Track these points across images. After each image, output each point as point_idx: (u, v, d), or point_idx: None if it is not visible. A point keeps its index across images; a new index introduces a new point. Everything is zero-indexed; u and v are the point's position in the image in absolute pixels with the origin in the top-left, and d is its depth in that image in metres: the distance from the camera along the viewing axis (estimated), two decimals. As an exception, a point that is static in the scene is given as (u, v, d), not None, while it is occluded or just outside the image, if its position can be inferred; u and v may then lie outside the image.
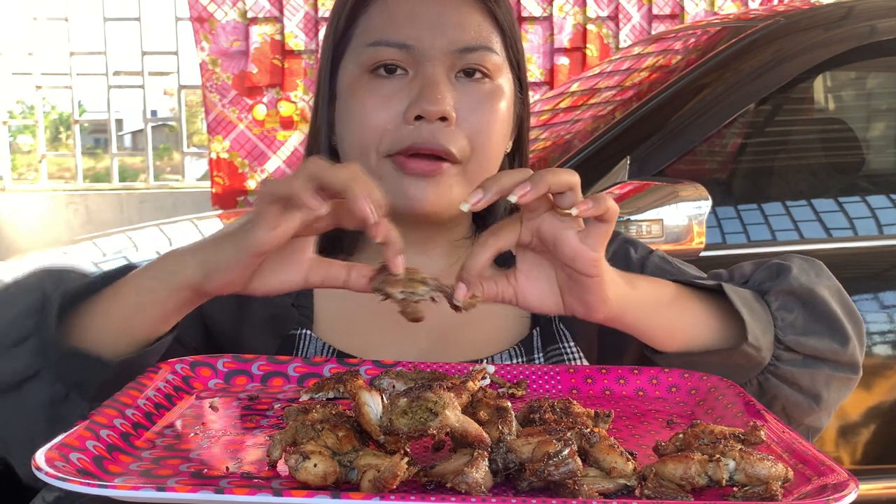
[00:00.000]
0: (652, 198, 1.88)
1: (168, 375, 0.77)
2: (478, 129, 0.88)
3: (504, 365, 0.85)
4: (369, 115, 0.88)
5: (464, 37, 0.88)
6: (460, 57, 0.88)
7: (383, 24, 0.89)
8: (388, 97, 0.87)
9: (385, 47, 0.87)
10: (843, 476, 0.55)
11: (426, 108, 0.85)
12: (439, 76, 0.87)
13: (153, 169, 5.36)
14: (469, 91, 0.88)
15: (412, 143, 0.86)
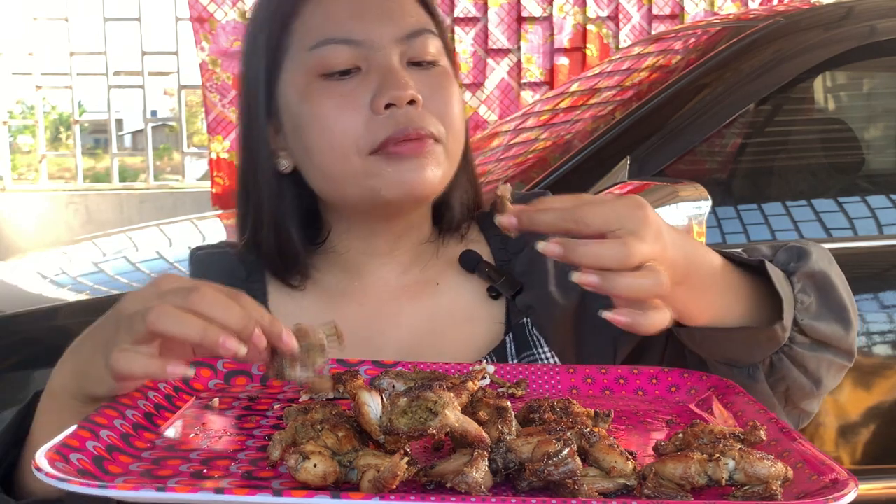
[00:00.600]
0: (652, 198, 1.88)
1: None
2: (443, 109, 0.87)
3: (504, 365, 0.85)
4: (335, 118, 0.84)
5: (408, 22, 0.87)
6: (408, 44, 0.86)
7: (324, 23, 0.86)
8: (347, 95, 0.85)
9: (332, 45, 0.84)
10: (843, 476, 0.55)
11: (394, 93, 0.83)
12: (395, 64, 0.85)
13: (153, 169, 5.36)
14: (423, 77, 0.87)
15: (392, 133, 0.83)
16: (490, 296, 0.96)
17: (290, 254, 0.92)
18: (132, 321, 0.65)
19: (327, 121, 0.85)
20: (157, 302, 0.65)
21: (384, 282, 0.95)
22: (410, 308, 0.95)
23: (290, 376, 0.71)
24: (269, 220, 0.92)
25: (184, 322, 0.63)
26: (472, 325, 0.95)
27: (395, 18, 0.86)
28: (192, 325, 0.63)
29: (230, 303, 0.66)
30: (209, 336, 0.63)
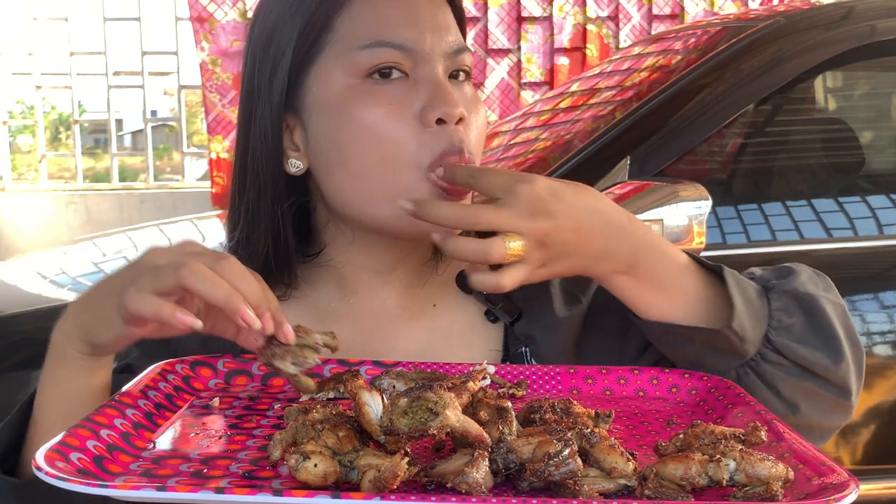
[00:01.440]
0: (652, 198, 1.88)
1: (168, 375, 0.77)
2: (479, 127, 0.86)
3: (504, 365, 0.85)
4: (386, 127, 0.80)
5: (453, 37, 0.86)
6: (452, 59, 0.85)
7: (377, 25, 0.82)
8: (397, 102, 0.81)
9: (385, 48, 0.81)
10: (843, 476, 0.55)
11: (447, 110, 0.80)
12: (443, 77, 0.83)
13: (153, 169, 5.36)
14: (463, 92, 0.85)
15: (443, 150, 0.80)
16: (488, 319, 0.93)
17: (281, 260, 0.88)
18: (160, 272, 0.67)
19: (378, 129, 0.81)
20: (189, 259, 0.67)
21: (381, 301, 0.91)
22: (406, 331, 0.91)
23: (278, 367, 0.71)
24: (266, 222, 0.87)
25: (214, 283, 0.66)
26: (469, 350, 0.91)
27: (444, 33, 0.85)
28: (221, 287, 0.66)
29: (252, 279, 0.69)
30: (232, 302, 0.66)
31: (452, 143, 0.80)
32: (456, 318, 0.93)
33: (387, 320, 0.91)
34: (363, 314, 0.91)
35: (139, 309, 0.66)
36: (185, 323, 0.65)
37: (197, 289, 0.66)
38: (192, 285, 0.65)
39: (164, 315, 0.65)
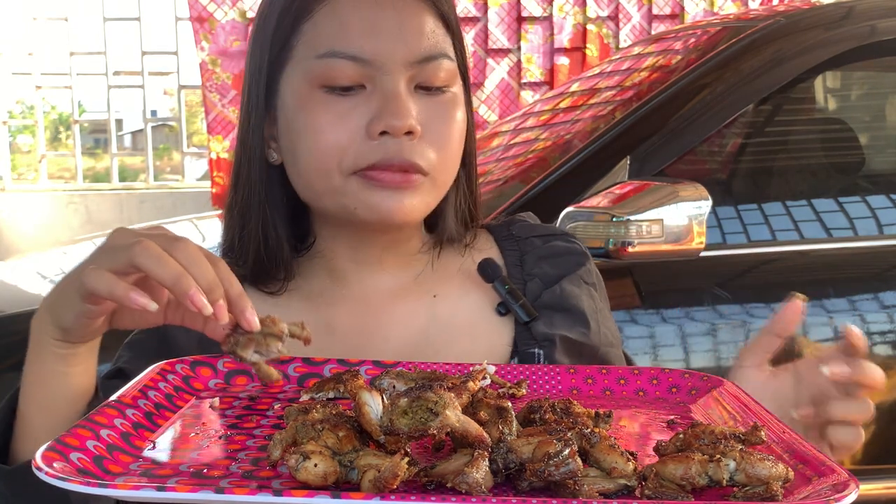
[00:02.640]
0: (652, 198, 1.88)
1: (168, 375, 0.77)
2: (442, 140, 0.85)
3: (504, 365, 0.85)
4: (326, 133, 0.82)
5: (423, 45, 0.83)
6: (420, 68, 0.83)
7: (335, 34, 0.82)
8: (345, 114, 0.82)
9: (339, 59, 0.81)
10: (843, 476, 0.55)
11: (392, 123, 0.81)
12: (400, 89, 0.82)
13: (153, 169, 5.36)
14: (429, 103, 0.84)
15: (380, 160, 0.82)
16: (498, 312, 0.93)
17: (274, 253, 0.90)
18: (115, 251, 0.68)
19: (319, 135, 0.83)
20: (144, 238, 0.67)
21: (374, 289, 0.93)
22: (404, 317, 0.92)
23: (240, 355, 0.71)
24: (257, 211, 0.89)
25: (164, 263, 0.66)
26: (474, 340, 0.92)
27: (409, 40, 0.83)
28: (170, 268, 0.66)
29: (207, 263, 0.68)
30: (182, 284, 0.66)
31: (388, 155, 0.82)
32: (459, 310, 0.94)
33: (381, 308, 0.92)
34: (357, 302, 0.92)
35: (94, 286, 0.66)
36: (139, 303, 0.66)
37: (146, 267, 0.66)
38: (141, 263, 0.66)
39: (118, 293, 0.66)
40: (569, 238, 1.00)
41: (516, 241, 0.99)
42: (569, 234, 1.01)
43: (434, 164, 0.84)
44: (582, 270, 0.97)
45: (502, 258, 0.97)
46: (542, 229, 1.01)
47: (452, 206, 0.94)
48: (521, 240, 0.99)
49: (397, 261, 0.93)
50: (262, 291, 0.92)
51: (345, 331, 0.91)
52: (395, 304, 0.93)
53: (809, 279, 2.02)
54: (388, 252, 0.92)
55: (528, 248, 0.98)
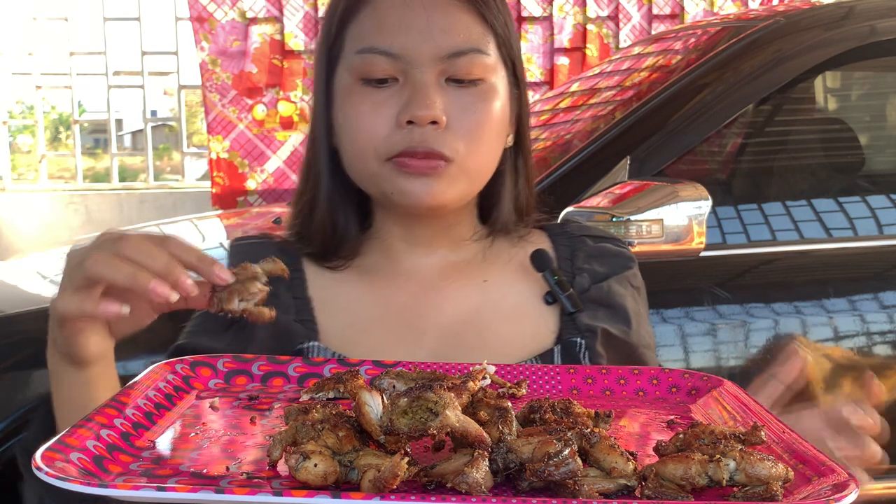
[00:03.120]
0: (652, 198, 1.88)
1: (168, 375, 0.77)
2: (470, 129, 0.90)
3: (504, 365, 0.85)
4: (363, 121, 0.90)
5: (452, 41, 0.89)
6: (450, 62, 0.89)
7: (372, 31, 0.90)
8: (380, 104, 0.89)
9: (373, 55, 0.89)
10: (843, 476, 0.55)
11: (416, 113, 0.87)
12: (428, 82, 0.88)
13: (153, 169, 5.36)
14: (460, 95, 0.90)
15: (406, 147, 0.88)
16: (545, 301, 0.98)
17: (341, 233, 0.97)
18: (71, 272, 0.71)
19: (357, 123, 0.90)
20: (92, 251, 0.70)
21: (426, 269, 0.98)
22: (455, 297, 0.97)
23: (228, 308, 0.73)
24: (325, 197, 0.97)
25: (115, 267, 0.69)
26: (520, 324, 0.97)
27: (438, 36, 0.89)
28: (123, 270, 0.69)
29: (154, 248, 0.71)
30: (139, 281, 0.68)
31: (413, 143, 0.88)
32: (508, 295, 0.99)
33: (433, 287, 0.98)
34: (409, 280, 0.98)
35: (64, 310, 0.70)
36: (111, 311, 0.69)
37: (101, 276, 0.69)
38: (95, 274, 0.69)
39: (88, 309, 0.70)
40: (619, 242, 1.06)
41: (569, 238, 1.05)
42: (619, 239, 1.08)
43: (460, 152, 0.90)
44: (629, 273, 1.03)
45: (554, 252, 1.02)
46: (595, 231, 1.07)
47: (509, 193, 1.00)
48: (573, 237, 1.05)
49: (448, 245, 0.99)
50: (324, 267, 0.99)
51: (399, 305, 0.97)
52: (446, 283, 0.98)
53: (809, 279, 2.02)
54: (439, 236, 0.98)
55: (580, 245, 1.04)
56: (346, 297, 0.97)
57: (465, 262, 1.00)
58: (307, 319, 0.95)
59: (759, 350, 1.94)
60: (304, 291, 0.97)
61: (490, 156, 0.94)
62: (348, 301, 0.97)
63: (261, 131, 4.48)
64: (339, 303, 0.97)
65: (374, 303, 0.97)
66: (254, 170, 4.49)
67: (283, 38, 4.45)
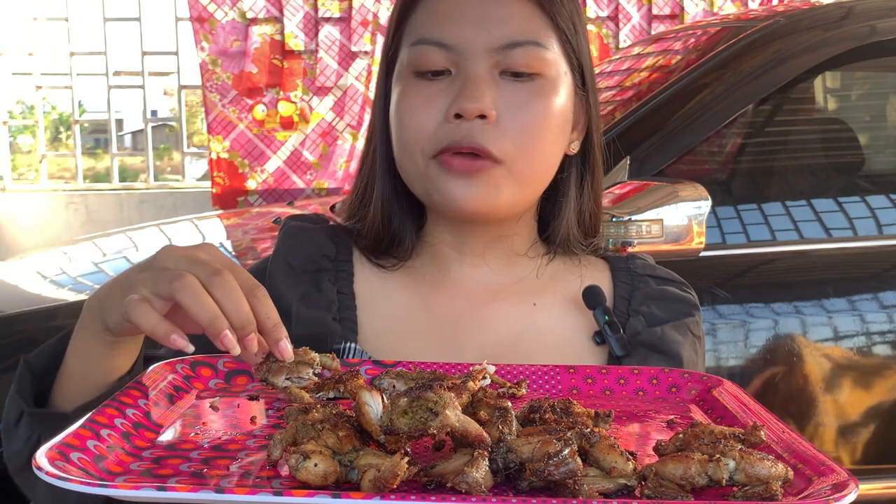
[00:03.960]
0: (652, 198, 1.88)
1: (168, 375, 0.77)
2: (522, 127, 0.84)
3: (504, 365, 0.85)
4: (413, 116, 0.86)
5: (507, 32, 0.84)
6: (505, 54, 0.84)
7: (427, 23, 0.87)
8: (432, 97, 0.85)
9: (426, 46, 0.85)
10: (843, 476, 0.55)
11: (463, 105, 0.82)
12: (480, 73, 0.83)
13: (153, 169, 5.36)
14: (514, 89, 0.84)
15: (450, 142, 0.83)
16: (594, 341, 0.92)
17: (393, 229, 0.93)
18: (159, 277, 0.68)
19: (408, 117, 0.86)
20: (188, 269, 0.68)
21: (474, 282, 0.94)
22: (501, 318, 0.92)
23: (272, 381, 0.72)
24: (379, 192, 0.93)
25: (201, 303, 0.67)
26: (563, 359, 0.90)
27: (492, 27, 0.84)
28: (207, 309, 0.67)
29: (242, 299, 0.68)
30: (215, 326, 0.66)
31: (458, 137, 0.83)
32: (556, 326, 0.93)
33: (480, 302, 0.93)
34: (457, 291, 0.94)
35: (137, 320, 0.67)
36: (178, 345, 0.67)
37: (185, 304, 0.67)
38: (181, 299, 0.67)
39: (159, 333, 0.67)
40: (684, 287, 0.99)
41: (631, 276, 0.98)
42: (685, 284, 1.00)
43: (509, 151, 0.84)
44: (690, 320, 0.96)
45: (612, 288, 0.96)
46: (661, 272, 1.00)
47: (572, 207, 0.94)
48: (636, 275, 0.98)
49: (500, 258, 0.94)
50: (374, 263, 0.95)
51: (443, 316, 0.92)
52: (494, 301, 0.93)
53: (809, 279, 2.02)
54: (492, 247, 0.93)
55: (641, 285, 0.97)
56: (391, 300, 0.94)
57: (516, 280, 0.94)
58: (347, 318, 0.91)
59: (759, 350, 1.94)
60: (350, 286, 0.93)
61: (545, 160, 0.87)
62: (392, 304, 0.94)
63: (261, 131, 4.48)
64: (383, 304, 0.93)
65: (417, 310, 0.93)
66: (254, 170, 4.49)
67: (283, 38, 4.45)
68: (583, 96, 0.92)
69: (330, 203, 2.77)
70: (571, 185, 0.93)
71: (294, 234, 0.97)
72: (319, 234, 0.97)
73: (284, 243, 0.96)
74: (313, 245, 0.95)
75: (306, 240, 0.96)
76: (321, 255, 0.94)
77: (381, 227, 0.94)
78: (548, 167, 0.89)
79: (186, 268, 0.68)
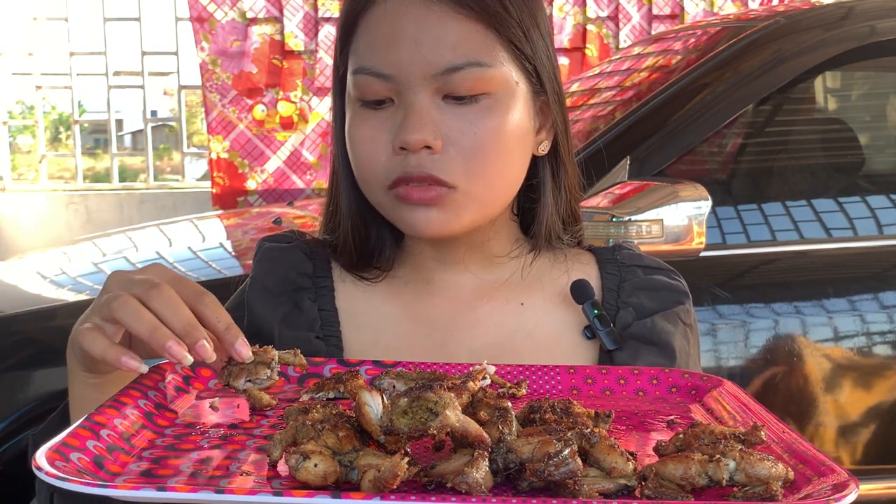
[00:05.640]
0: (652, 198, 1.88)
1: (168, 375, 0.77)
2: (471, 152, 0.82)
3: (504, 365, 0.85)
4: (363, 148, 0.84)
5: (445, 56, 0.80)
6: (444, 80, 0.81)
7: (366, 49, 0.84)
8: (377, 128, 0.83)
9: (366, 76, 0.83)
10: (843, 476, 0.55)
11: (405, 138, 0.81)
12: (421, 103, 0.81)
13: (153, 169, 5.36)
14: (458, 113, 0.82)
15: (401, 173, 0.82)
16: (585, 335, 0.92)
17: (371, 242, 0.92)
18: (102, 303, 0.69)
19: (358, 150, 0.85)
20: (124, 289, 0.69)
21: (459, 287, 0.93)
22: (489, 320, 0.92)
23: (233, 384, 0.72)
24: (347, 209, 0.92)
25: (139, 317, 0.67)
26: (555, 356, 0.90)
27: (428, 52, 0.80)
28: (145, 321, 0.67)
29: (181, 306, 0.68)
30: (157, 337, 0.67)
31: (407, 170, 0.82)
32: (545, 322, 0.93)
33: (467, 306, 0.93)
34: (443, 298, 0.93)
35: (88, 348, 0.68)
36: (130, 366, 0.67)
37: (124, 322, 0.67)
38: (120, 319, 0.67)
39: (110, 358, 0.67)
40: (672, 275, 0.98)
41: (618, 267, 0.97)
42: (673, 271, 0.99)
43: (460, 177, 0.82)
44: (680, 309, 0.95)
45: (600, 281, 0.95)
46: (648, 261, 0.98)
47: (550, 204, 0.93)
48: (623, 266, 0.97)
49: (482, 262, 0.93)
50: (355, 276, 0.94)
51: (430, 323, 0.92)
52: (481, 304, 0.93)
53: (809, 279, 2.02)
54: (471, 253, 0.92)
55: (629, 276, 0.96)
56: (375, 312, 0.93)
57: (501, 281, 0.93)
58: (331, 335, 0.91)
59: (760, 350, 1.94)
60: (332, 302, 0.92)
61: (504, 176, 0.85)
62: (377, 316, 0.93)
63: (261, 131, 4.49)
64: (367, 317, 0.92)
65: (404, 319, 0.92)
66: (254, 170, 4.49)
67: (283, 38, 4.45)
68: (541, 100, 0.89)
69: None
70: (548, 184, 0.93)
71: (269, 256, 0.96)
72: (295, 252, 0.95)
73: (260, 268, 0.95)
74: (289, 265, 0.94)
75: (281, 261, 0.95)
76: (298, 273, 0.94)
77: (356, 241, 0.93)
78: (509, 181, 0.87)
79: (126, 288, 0.69)
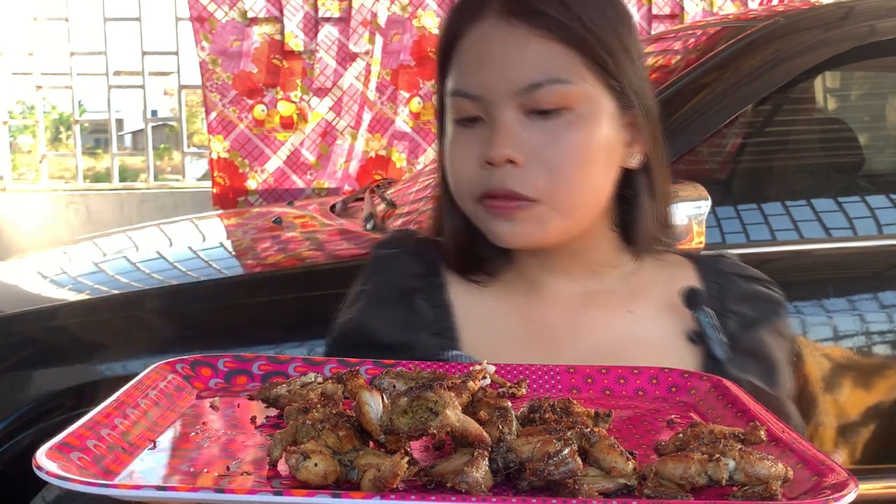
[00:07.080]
0: (652, 198, 1.88)
1: (168, 375, 0.77)
2: (553, 165, 0.86)
3: (504, 365, 0.85)
4: (456, 163, 0.91)
5: (527, 74, 0.86)
6: (528, 96, 0.86)
7: (459, 73, 0.90)
8: (470, 145, 0.89)
9: (461, 99, 0.89)
10: (842, 476, 0.55)
11: (490, 154, 0.86)
12: (506, 120, 0.86)
13: (153, 169, 5.36)
14: (542, 129, 0.86)
15: (486, 188, 0.88)
16: (689, 339, 0.94)
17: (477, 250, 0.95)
18: None
19: (453, 165, 0.91)
20: None
21: (565, 294, 0.96)
22: (597, 326, 0.94)
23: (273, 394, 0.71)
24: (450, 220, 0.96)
25: None
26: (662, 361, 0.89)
27: (513, 71, 0.86)
28: None
29: None
30: None
31: (491, 184, 0.87)
32: (653, 329, 0.95)
33: (575, 313, 0.95)
34: (552, 303, 0.95)
35: None
36: None
37: None
38: None
39: None
40: (770, 285, 1.00)
41: (720, 275, 0.99)
42: (770, 281, 1.01)
43: (543, 190, 0.86)
44: (779, 321, 0.98)
45: (704, 289, 0.97)
46: (748, 271, 1.01)
47: (647, 214, 0.95)
48: (725, 275, 0.99)
49: (585, 271, 0.96)
50: (467, 278, 0.97)
51: (540, 327, 0.94)
52: (589, 310, 0.95)
53: (809, 279, 2.02)
54: (574, 261, 0.95)
55: (730, 285, 0.98)
56: (487, 308, 0.96)
57: (607, 290, 0.96)
58: (447, 328, 0.94)
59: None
60: (443, 296, 0.96)
61: (590, 187, 0.89)
62: (489, 312, 0.96)
63: (261, 131, 4.48)
64: (480, 312, 0.96)
65: (516, 319, 0.95)
66: (254, 170, 4.49)
67: (283, 38, 4.45)
68: (628, 115, 0.93)
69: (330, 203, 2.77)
70: (643, 196, 0.95)
71: (379, 265, 1.00)
72: (405, 256, 0.99)
73: (373, 276, 0.99)
74: (401, 271, 0.98)
75: (392, 268, 0.99)
76: (410, 276, 0.97)
77: (463, 248, 0.96)
78: (593, 192, 0.90)
79: None
